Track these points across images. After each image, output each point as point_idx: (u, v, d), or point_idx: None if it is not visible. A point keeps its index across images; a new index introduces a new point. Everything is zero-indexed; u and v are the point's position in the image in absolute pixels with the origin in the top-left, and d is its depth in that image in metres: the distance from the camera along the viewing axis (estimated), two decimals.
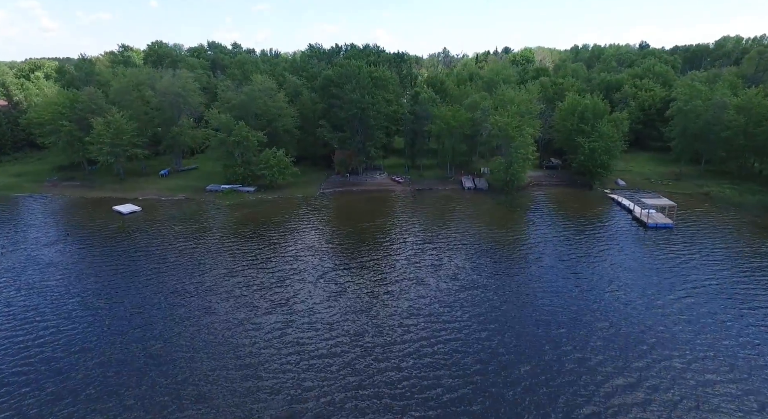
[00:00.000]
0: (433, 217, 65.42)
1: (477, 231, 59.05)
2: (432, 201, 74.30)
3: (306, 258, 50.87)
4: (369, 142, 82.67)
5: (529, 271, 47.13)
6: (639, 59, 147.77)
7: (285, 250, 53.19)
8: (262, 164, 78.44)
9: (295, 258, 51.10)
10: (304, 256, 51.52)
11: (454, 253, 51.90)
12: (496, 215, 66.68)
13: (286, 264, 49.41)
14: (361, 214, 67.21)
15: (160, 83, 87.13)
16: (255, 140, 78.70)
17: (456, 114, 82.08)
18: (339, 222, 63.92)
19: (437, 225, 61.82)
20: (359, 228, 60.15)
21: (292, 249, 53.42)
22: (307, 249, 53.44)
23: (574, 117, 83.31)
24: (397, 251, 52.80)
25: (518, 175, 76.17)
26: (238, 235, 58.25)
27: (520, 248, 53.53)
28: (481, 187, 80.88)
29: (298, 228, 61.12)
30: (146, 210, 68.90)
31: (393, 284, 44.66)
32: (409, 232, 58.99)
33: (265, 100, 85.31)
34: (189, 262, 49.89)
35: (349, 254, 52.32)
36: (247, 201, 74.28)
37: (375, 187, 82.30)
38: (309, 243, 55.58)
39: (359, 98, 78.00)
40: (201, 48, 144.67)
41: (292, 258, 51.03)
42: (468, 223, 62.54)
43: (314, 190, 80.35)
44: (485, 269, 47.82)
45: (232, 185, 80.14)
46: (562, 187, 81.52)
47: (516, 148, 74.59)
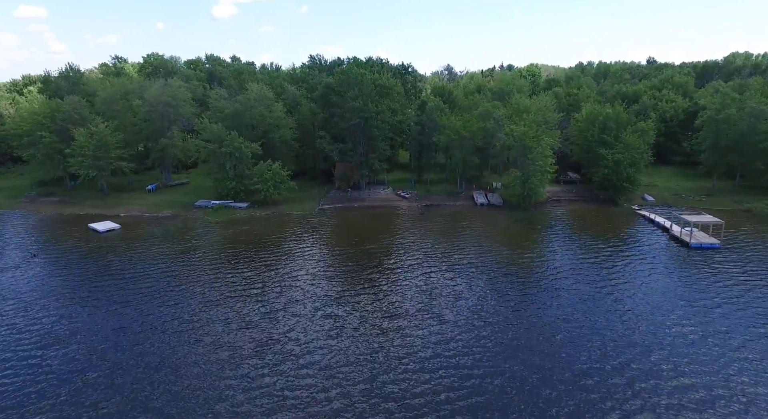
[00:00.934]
0: (445, 237, 58.42)
1: (496, 253, 51.95)
2: (442, 218, 67.44)
3: (301, 286, 43.70)
4: (372, 155, 76.31)
5: (564, 302, 39.82)
6: (652, 72, 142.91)
7: (277, 276, 46.06)
8: (255, 178, 71.95)
9: (289, 285, 43.94)
10: (299, 283, 44.38)
11: (472, 279, 44.71)
12: (515, 234, 59.67)
13: (277, 293, 42.22)
14: (364, 233, 60.28)
15: (148, 92, 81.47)
16: (248, 152, 72.41)
17: (467, 123, 75.95)
18: (339, 243, 56.92)
19: (450, 245, 54.78)
20: (362, 250, 53.11)
21: (286, 275, 46.29)
22: (303, 275, 46.31)
23: (594, 127, 77.09)
24: (406, 277, 45.65)
25: (536, 190, 69.48)
26: (225, 257, 51.22)
27: (549, 272, 46.33)
28: (494, 202, 74.09)
29: (293, 249, 54.09)
30: (126, 228, 62.07)
31: (403, 318, 37.37)
32: (418, 254, 51.91)
33: (260, 109, 79.45)
34: (165, 290, 42.74)
35: (350, 281, 45.16)
36: (238, 218, 67.50)
37: (379, 203, 75.57)
38: (305, 267, 48.48)
39: (362, 106, 72.00)
40: (198, 60, 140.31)
41: (286, 286, 43.87)
42: (485, 243, 55.48)
43: (312, 206, 73.62)
44: (510, 299, 40.56)
45: (223, 201, 73.50)
46: (583, 202, 74.67)
47: (534, 159, 68.10)
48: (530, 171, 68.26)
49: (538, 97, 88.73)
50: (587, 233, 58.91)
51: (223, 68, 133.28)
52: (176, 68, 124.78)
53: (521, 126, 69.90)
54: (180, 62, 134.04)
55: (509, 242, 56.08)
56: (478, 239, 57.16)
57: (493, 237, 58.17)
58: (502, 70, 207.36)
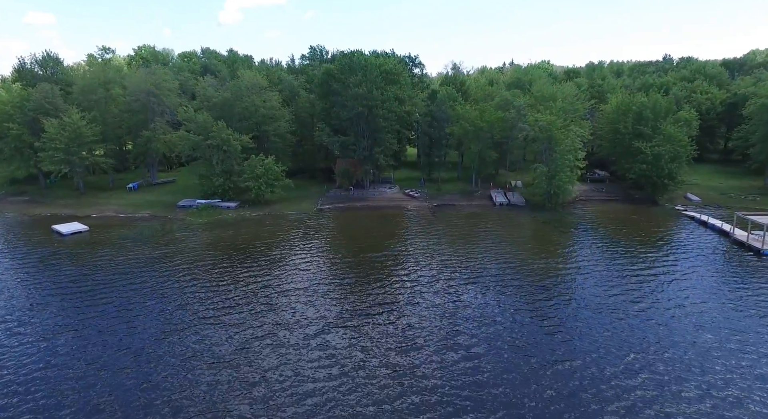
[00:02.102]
0: (463, 242, 49.90)
1: (526, 262, 43.39)
2: (457, 220, 58.96)
3: (292, 305, 35.30)
4: (377, 149, 67.92)
5: (630, 329, 31.17)
6: (674, 67, 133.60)
7: (263, 292, 37.69)
8: (246, 174, 63.77)
9: (277, 305, 35.57)
10: (289, 302, 36.00)
11: (502, 297, 36.17)
12: (545, 238, 51.11)
13: (262, 314, 33.85)
14: (368, 238, 51.88)
15: (129, 79, 73.56)
16: (238, 145, 64.31)
17: (483, 113, 67.47)
18: (339, 250, 48.49)
19: (470, 253, 46.27)
20: (366, 259, 44.66)
21: (274, 291, 37.93)
22: (295, 291, 37.93)
23: (627, 118, 68.46)
24: (421, 293, 37.17)
25: (564, 188, 60.93)
26: (203, 267, 42.94)
27: (596, 287, 37.68)
28: (516, 202, 65.52)
29: (284, 257, 45.74)
30: (94, 231, 53.98)
31: (419, 352, 28.88)
32: (432, 264, 43.43)
33: (253, 98, 71.33)
34: (122, 310, 34.47)
35: (352, 299, 36.74)
36: (225, 219, 59.29)
37: (385, 203, 67.17)
38: (298, 280, 40.10)
39: (366, 93, 63.68)
40: (193, 53, 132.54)
41: (273, 305, 35.49)
42: (510, 250, 46.94)
43: (310, 207, 65.31)
44: (556, 325, 32.00)
45: (210, 200, 65.36)
46: (616, 202, 65.95)
47: (562, 153, 59.57)
48: (557, 166, 59.71)
49: (563, 85, 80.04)
50: (630, 238, 50.21)
51: (219, 62, 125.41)
52: (167, 60, 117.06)
53: (547, 115, 61.39)
54: (173, 54, 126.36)
55: (540, 248, 47.50)
56: (501, 244, 48.61)
57: (520, 243, 49.62)
58: (512, 66, 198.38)
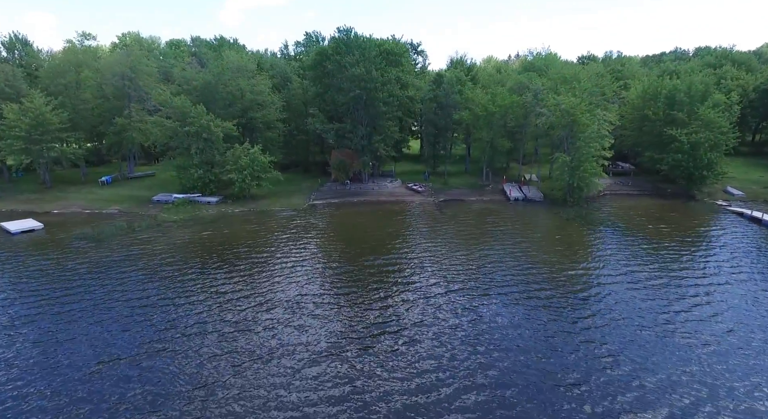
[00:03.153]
0: (476, 243, 42.57)
1: (552, 267, 36.05)
2: (467, 217, 51.67)
3: (272, 328, 28.03)
4: (377, 137, 60.63)
5: (711, 357, 23.92)
6: (689, 59, 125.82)
7: (237, 308, 30.44)
8: (228, 165, 56.53)
9: (253, 326, 28.32)
10: (269, 322, 28.73)
11: (534, 313, 28.88)
12: (571, 238, 43.76)
13: (231, 341, 26.58)
14: (366, 238, 44.63)
15: (101, 61, 66.36)
16: (220, 132, 57.04)
17: (496, 97, 60.12)
18: (332, 254, 41.13)
19: (484, 256, 38.94)
20: (362, 266, 37.30)
21: (250, 307, 30.68)
22: (276, 308, 30.65)
23: (656, 104, 61.06)
24: (429, 309, 29.88)
25: (589, 180, 53.57)
26: (167, 275, 35.69)
27: (650, 299, 30.36)
28: (533, 197, 58.17)
29: (267, 263, 38.44)
30: (50, 229, 46.82)
31: (432, 396, 21.62)
32: (441, 271, 36.11)
33: (238, 82, 64.05)
34: (50, 333, 27.27)
35: (346, 318, 29.43)
36: (203, 216, 52.07)
37: (385, 198, 59.88)
38: (279, 294, 32.83)
39: (364, 74, 56.37)
40: (181, 41, 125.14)
41: (248, 326, 28.21)
42: (533, 252, 39.61)
43: (301, 202, 58.06)
44: (605, 352, 24.72)
45: (189, 194, 58.13)
46: (646, 197, 58.57)
47: (587, 140, 52.20)
48: (582, 155, 52.36)
49: (586, 66, 72.53)
50: (674, 238, 42.83)
51: (210, 50, 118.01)
52: (154, 47, 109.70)
53: (569, 97, 54.01)
54: (160, 42, 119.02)
55: (569, 251, 40.15)
56: (522, 246, 41.28)
57: (544, 244, 42.28)
58: (518, 58, 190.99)
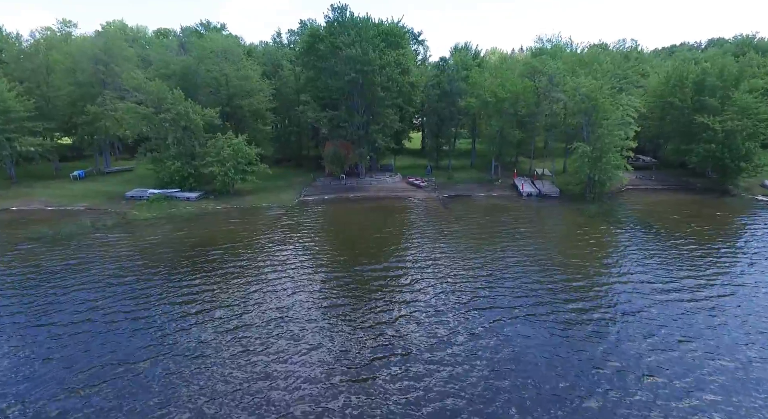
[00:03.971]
0: (489, 245, 36.75)
1: (582, 275, 30.30)
2: (476, 215, 45.91)
3: (245, 359, 22.30)
4: (374, 126, 54.76)
5: None
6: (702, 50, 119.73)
7: (204, 330, 24.65)
8: (210, 157, 50.69)
9: (222, 354, 22.53)
10: (242, 349, 22.99)
11: (563, 331, 23.15)
12: (596, 238, 37.96)
13: (192, 379, 20.83)
14: (363, 239, 38.84)
15: (72, 44, 60.43)
16: (200, 120, 51.18)
17: (506, 82, 54.30)
18: (323, 257, 35.24)
19: (501, 260, 33.16)
20: (359, 272, 31.50)
21: (221, 329, 24.86)
22: (252, 328, 24.90)
23: (683, 90, 55.34)
24: (441, 330, 24.14)
25: (612, 173, 47.84)
26: (124, 284, 29.84)
27: (704, 316, 24.65)
28: (548, 192, 52.41)
29: (245, 270, 32.55)
30: (2, 227, 41.01)
31: None
32: (453, 280, 30.32)
33: (222, 66, 58.16)
34: None
35: (339, 342, 23.68)
36: (179, 214, 46.23)
37: (384, 194, 54.09)
38: (258, 310, 27.03)
39: (360, 55, 50.50)
40: (170, 31, 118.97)
41: (215, 353, 22.42)
42: (557, 256, 33.81)
43: (291, 198, 52.28)
44: (682, 386, 19.01)
45: (166, 189, 52.28)
46: (673, 192, 52.85)
47: (610, 127, 46.42)
48: (604, 145, 46.57)
49: (608, 51, 66.56)
50: (716, 239, 37.07)
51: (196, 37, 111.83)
52: (139, 36, 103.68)
53: (590, 79, 48.21)
54: (147, 31, 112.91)
55: (599, 255, 34.38)
56: (544, 248, 35.49)
57: (569, 246, 36.47)
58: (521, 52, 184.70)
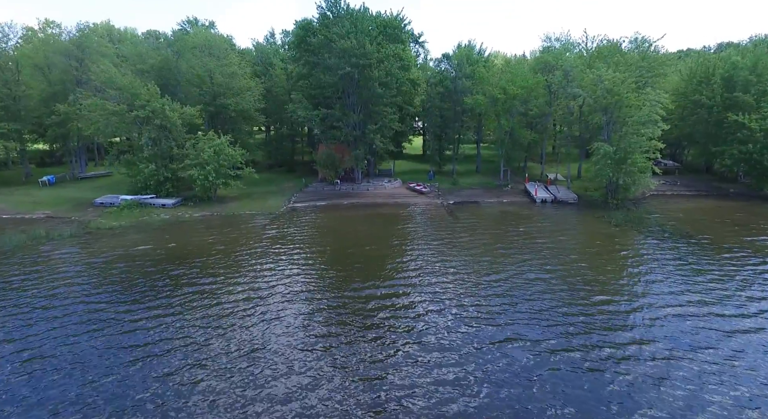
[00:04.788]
0: (507, 261, 31.25)
1: (618, 295, 24.82)
2: (486, 223, 40.53)
3: (212, 408, 16.75)
4: (371, 126, 49.65)
5: None
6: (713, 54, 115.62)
7: (159, 374, 19.16)
8: (188, 159, 45.48)
9: (180, 400, 17.02)
10: (203, 393, 17.47)
11: (613, 375, 17.65)
12: (630, 251, 32.52)
13: None
14: (359, 253, 33.36)
15: (40, 38, 55.63)
16: (177, 119, 46.07)
17: (516, 77, 49.40)
18: (309, 275, 29.59)
19: (517, 278, 27.69)
20: (355, 299, 25.94)
21: (178, 364, 19.40)
22: (220, 375, 19.41)
23: (711, 87, 50.52)
24: (444, 378, 18.63)
25: (637, 176, 42.63)
26: (66, 306, 24.31)
27: None
28: (564, 197, 47.14)
29: (213, 294, 26.95)
30: None
31: None
32: (460, 305, 24.81)
33: (205, 61, 53.29)
34: None
35: (325, 388, 18.17)
36: (151, 222, 40.82)
37: (382, 200, 48.76)
38: (226, 344, 21.54)
39: (356, 47, 45.61)
40: (162, 34, 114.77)
41: (176, 398, 16.94)
42: (584, 271, 28.33)
43: (278, 205, 46.95)
44: None
45: (140, 196, 46.96)
46: (705, 198, 47.57)
47: (635, 125, 41.33)
48: (629, 145, 41.41)
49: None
50: None
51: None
52: (127, 38, 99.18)
53: (611, 72, 43.20)
54: (136, 32, 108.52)
55: (637, 272, 28.90)
56: (569, 262, 30.03)
57: (599, 260, 30.97)
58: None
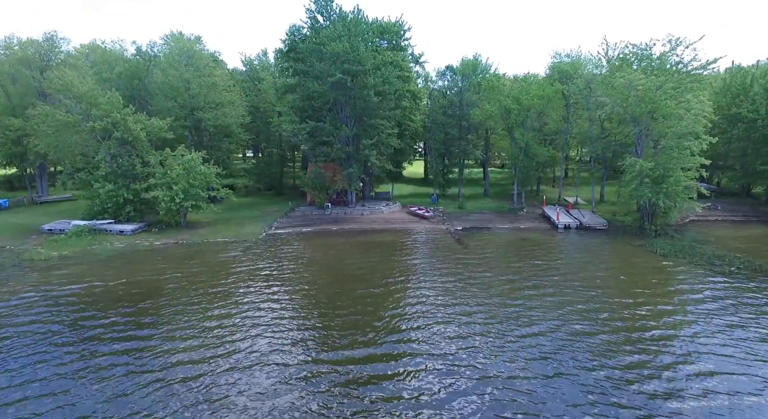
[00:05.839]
0: (531, 303, 24.07)
1: (680, 352, 17.64)
2: (503, 255, 33.44)
3: None
4: (366, 141, 43.35)
5: None
6: None
7: None
8: (154, 178, 38.83)
9: None
10: None
11: None
12: (688, 291, 25.36)
13: None
14: (347, 294, 26.09)
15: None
16: (141, 132, 39.71)
17: (531, 86, 43.58)
18: (281, 332, 21.96)
19: (554, 330, 20.45)
20: (338, 366, 18.67)
21: None
22: None
23: (751, 100, 44.83)
24: None
25: (680, 197, 35.98)
26: None
27: None
28: (591, 223, 40.26)
29: (140, 360, 19.73)
30: None
31: None
32: (490, 380, 17.58)
33: (180, 71, 47.65)
34: None
35: None
36: (98, 252, 33.60)
37: (379, 226, 41.81)
38: None
39: (348, 51, 39.93)
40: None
41: None
42: (632, 319, 21.19)
43: (257, 231, 39.96)
44: None
45: (96, 221, 39.95)
46: (756, 223, 40.80)
47: (676, 138, 35.01)
48: (670, 161, 34.98)
49: None
50: None
51: None
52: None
53: (644, 77, 37.23)
54: None
55: (709, 320, 21.78)
56: (615, 306, 22.90)
57: (654, 303, 23.78)
58: None
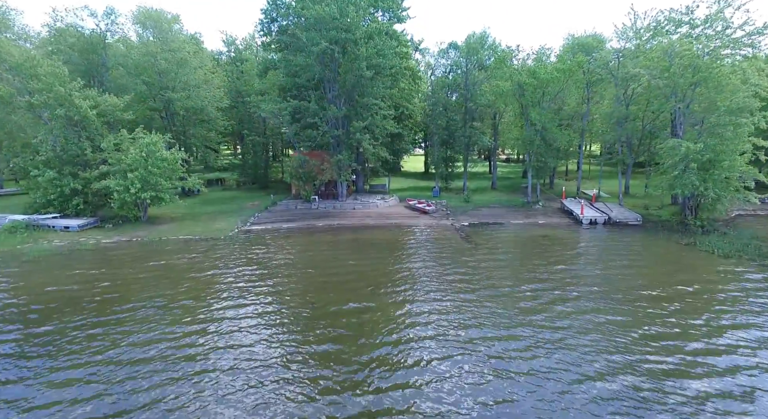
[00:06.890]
0: (568, 319, 18.09)
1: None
2: (519, 253, 27.33)
3: None
4: (358, 124, 37.30)
5: None
6: None
7: None
8: (106, 165, 32.92)
9: None
10: None
11: None
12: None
13: None
14: (331, 307, 20.08)
15: None
16: (90, 110, 33.74)
17: (544, 65, 37.56)
18: (244, 362, 16.29)
19: (592, 361, 14.46)
20: (323, 407, 12.75)
21: None
22: None
23: None
24: None
25: (735, 186, 30.07)
26: None
27: None
28: (621, 217, 34.19)
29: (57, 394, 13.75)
30: None
31: None
32: None
33: (147, 46, 41.74)
34: None
35: None
36: (31, 251, 27.64)
37: (373, 221, 35.76)
38: None
39: (335, 17, 33.99)
40: None
41: None
42: (704, 345, 15.19)
43: (228, 227, 33.97)
44: None
45: (38, 215, 34.04)
46: None
47: (730, 113, 29.04)
48: (723, 142, 28.98)
49: None
50: None
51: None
52: None
53: (686, 42, 31.23)
54: None
55: None
56: (678, 327, 16.92)
57: (749, 322, 17.84)
58: None
